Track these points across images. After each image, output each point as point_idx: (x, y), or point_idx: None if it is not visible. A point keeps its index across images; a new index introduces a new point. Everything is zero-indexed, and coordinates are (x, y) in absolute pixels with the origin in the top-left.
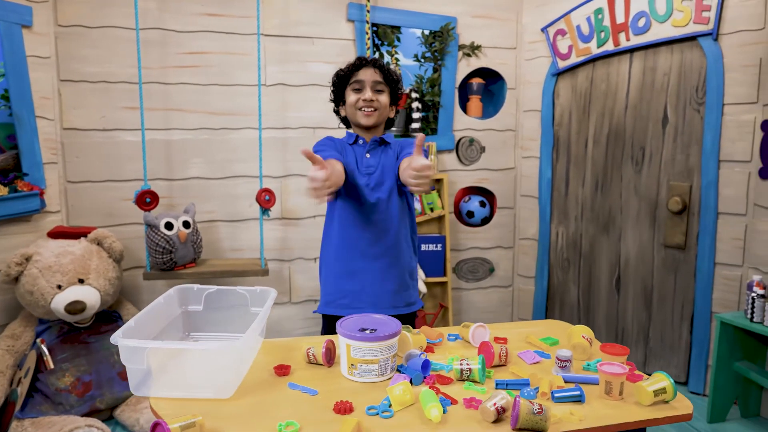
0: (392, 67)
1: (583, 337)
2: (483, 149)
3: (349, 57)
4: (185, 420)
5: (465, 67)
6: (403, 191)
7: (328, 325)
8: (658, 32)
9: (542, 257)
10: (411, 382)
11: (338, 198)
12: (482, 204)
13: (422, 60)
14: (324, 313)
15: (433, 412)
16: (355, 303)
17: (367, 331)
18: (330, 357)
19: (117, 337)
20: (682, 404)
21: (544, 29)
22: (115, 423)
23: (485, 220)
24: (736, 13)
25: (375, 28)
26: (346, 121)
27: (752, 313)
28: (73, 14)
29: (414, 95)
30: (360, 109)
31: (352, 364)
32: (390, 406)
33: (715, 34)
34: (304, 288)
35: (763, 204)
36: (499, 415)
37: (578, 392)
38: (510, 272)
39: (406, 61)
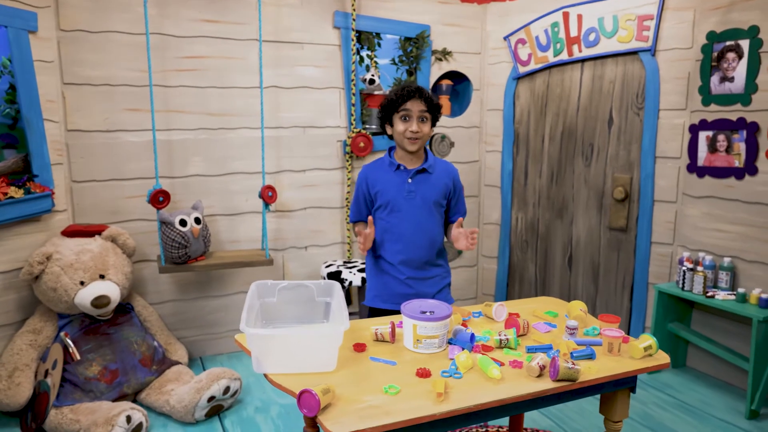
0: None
1: (581, 310)
2: (452, 144)
3: (336, 61)
4: (322, 387)
5: (437, 70)
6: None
7: (370, 312)
8: (606, 46)
9: (504, 240)
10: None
11: (378, 217)
12: None
13: (399, 63)
14: (371, 306)
15: (494, 372)
16: (396, 299)
17: (428, 313)
18: (393, 335)
19: (245, 327)
20: (662, 356)
21: (506, 38)
22: (139, 405)
23: None
24: (671, 33)
25: (358, 34)
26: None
27: (683, 283)
28: (75, 19)
29: None
30: (408, 138)
31: (417, 340)
32: (457, 369)
33: (653, 51)
34: (297, 274)
35: (690, 193)
36: (541, 371)
37: (590, 352)
38: (475, 253)
39: (382, 61)
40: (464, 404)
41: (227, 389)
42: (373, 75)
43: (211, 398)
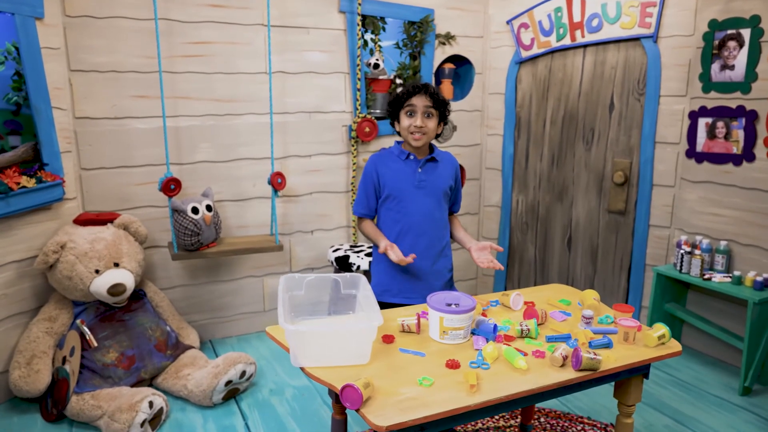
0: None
1: (594, 299)
2: (455, 128)
3: (341, 46)
4: (363, 381)
5: (440, 54)
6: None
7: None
8: (608, 32)
9: (504, 221)
10: (486, 340)
11: (386, 208)
12: None
13: (402, 47)
14: (380, 300)
15: (520, 362)
16: (406, 293)
17: (453, 306)
18: (419, 326)
19: (285, 325)
20: (674, 344)
21: (509, 22)
22: (156, 390)
23: None
24: (673, 20)
25: (363, 19)
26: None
27: (681, 265)
28: (81, 5)
29: (398, 81)
30: (411, 133)
31: (444, 331)
32: (485, 360)
33: (655, 37)
34: (302, 258)
35: (688, 178)
36: (564, 361)
37: (608, 341)
38: (476, 235)
39: (386, 44)
40: (496, 395)
41: (243, 373)
42: (377, 59)
43: (228, 382)
